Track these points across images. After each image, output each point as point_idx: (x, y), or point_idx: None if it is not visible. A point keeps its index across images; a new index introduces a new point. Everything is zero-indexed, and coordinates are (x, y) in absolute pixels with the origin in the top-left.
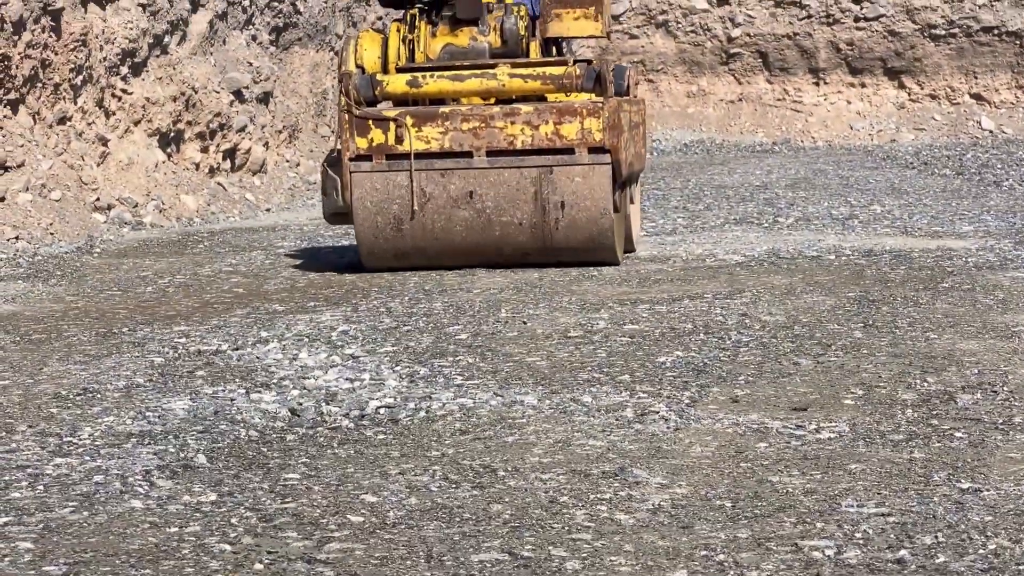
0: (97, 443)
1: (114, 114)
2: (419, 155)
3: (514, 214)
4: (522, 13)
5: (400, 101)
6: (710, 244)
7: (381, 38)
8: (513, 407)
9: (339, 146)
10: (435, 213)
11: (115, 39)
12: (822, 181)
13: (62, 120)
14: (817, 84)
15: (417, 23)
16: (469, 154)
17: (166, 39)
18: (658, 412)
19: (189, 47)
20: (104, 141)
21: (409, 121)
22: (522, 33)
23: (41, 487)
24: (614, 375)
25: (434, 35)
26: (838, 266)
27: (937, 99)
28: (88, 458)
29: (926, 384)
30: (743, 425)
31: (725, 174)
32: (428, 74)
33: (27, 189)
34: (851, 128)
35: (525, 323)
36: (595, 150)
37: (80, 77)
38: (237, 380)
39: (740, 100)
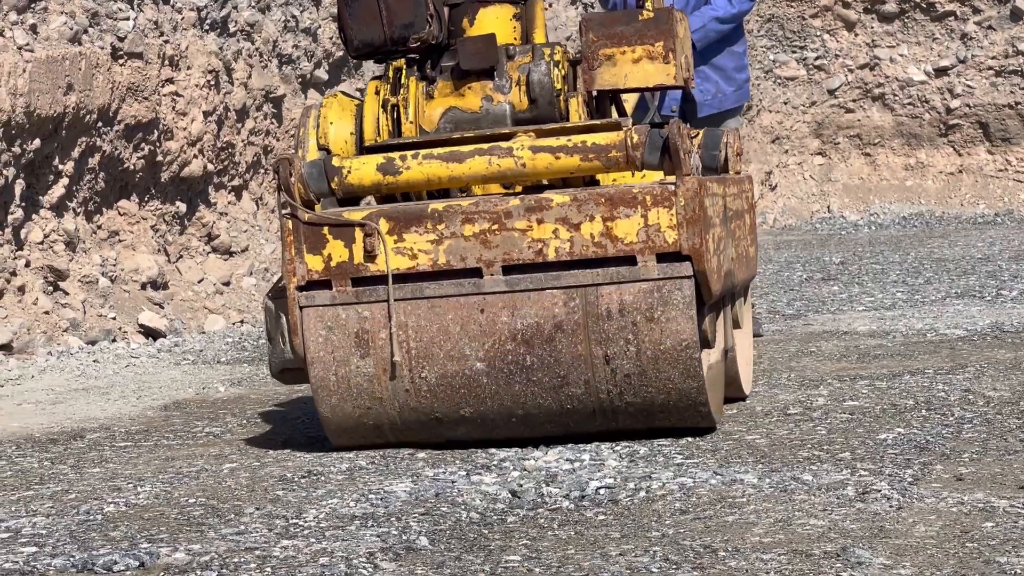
0: (322, 525)
1: None
2: (400, 277)
3: (546, 363)
4: (558, 57)
5: (387, 198)
6: (931, 318)
7: (355, 106)
8: (733, 486)
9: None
10: (428, 365)
11: None
12: None
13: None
14: None
15: (404, 80)
16: (477, 272)
17: None
18: (880, 491)
19: None
20: None
21: (384, 226)
22: (559, 87)
23: (269, 568)
24: (834, 452)
25: (430, 96)
26: None
27: None
28: (314, 540)
29: None
30: (968, 504)
31: (946, 247)
32: (410, 153)
33: (251, 273)
34: None
35: (744, 400)
36: (667, 257)
37: None
38: (458, 463)
39: (960, 172)
